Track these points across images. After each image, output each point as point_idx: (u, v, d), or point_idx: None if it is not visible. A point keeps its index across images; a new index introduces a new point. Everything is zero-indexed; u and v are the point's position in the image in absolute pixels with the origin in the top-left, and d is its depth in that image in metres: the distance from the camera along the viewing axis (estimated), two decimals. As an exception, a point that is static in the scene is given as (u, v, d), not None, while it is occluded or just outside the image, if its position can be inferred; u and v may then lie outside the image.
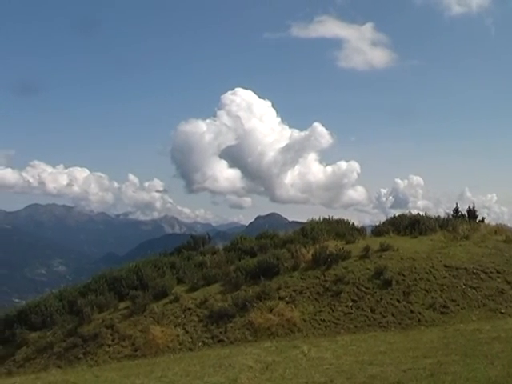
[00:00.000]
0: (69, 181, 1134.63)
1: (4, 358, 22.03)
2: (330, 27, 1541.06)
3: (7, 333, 23.29)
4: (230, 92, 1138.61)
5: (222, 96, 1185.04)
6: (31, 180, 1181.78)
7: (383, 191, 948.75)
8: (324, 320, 20.43)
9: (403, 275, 22.22)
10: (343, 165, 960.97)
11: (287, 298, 21.71)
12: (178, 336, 20.40)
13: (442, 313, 20.30)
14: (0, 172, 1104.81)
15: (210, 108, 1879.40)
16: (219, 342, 19.95)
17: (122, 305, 23.07)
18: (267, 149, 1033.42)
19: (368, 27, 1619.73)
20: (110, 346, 20.70)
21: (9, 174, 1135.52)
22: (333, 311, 20.82)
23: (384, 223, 28.86)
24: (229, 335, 20.16)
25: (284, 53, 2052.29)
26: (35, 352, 21.63)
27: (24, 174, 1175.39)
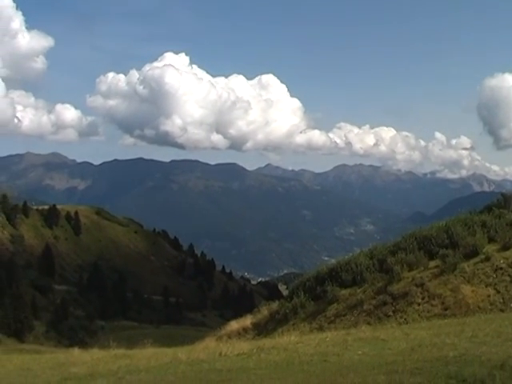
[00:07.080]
0: (375, 141, 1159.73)
1: (315, 313, 23.57)
2: None
3: (319, 289, 24.87)
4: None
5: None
6: (338, 141, 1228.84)
7: None
8: None
9: None
10: None
11: None
12: (488, 296, 20.00)
13: None
14: (308, 134, 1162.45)
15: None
16: (532, 303, 19.17)
17: (431, 263, 23.17)
18: None
19: None
20: (419, 304, 21.00)
21: (316, 136, 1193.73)
22: None
23: None
24: (542, 297, 19.26)
25: None
26: (345, 309, 22.78)
27: (331, 136, 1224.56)
